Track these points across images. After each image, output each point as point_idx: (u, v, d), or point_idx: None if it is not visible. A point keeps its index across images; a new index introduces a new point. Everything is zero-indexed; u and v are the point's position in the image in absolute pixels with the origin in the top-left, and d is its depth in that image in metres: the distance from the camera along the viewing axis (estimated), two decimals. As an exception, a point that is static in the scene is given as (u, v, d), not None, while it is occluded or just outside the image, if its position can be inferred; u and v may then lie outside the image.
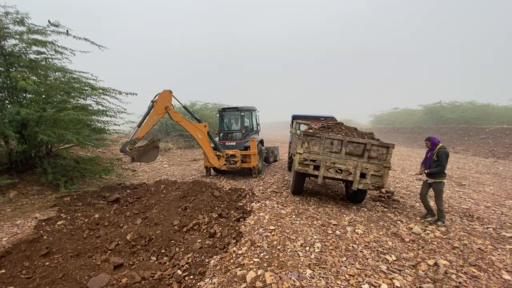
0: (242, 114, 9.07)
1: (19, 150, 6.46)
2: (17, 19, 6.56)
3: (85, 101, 7.85)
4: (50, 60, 7.25)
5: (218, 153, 8.02)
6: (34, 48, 6.86)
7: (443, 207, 4.79)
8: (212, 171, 9.32)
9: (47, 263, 3.96)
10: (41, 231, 4.78)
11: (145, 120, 6.82)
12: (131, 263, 4.08)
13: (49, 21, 6.90)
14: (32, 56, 6.99)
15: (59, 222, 5.28)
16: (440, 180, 4.73)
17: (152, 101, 6.92)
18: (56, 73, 7.34)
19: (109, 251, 4.36)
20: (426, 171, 4.80)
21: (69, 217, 5.53)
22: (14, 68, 6.62)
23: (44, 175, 6.66)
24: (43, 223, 5.13)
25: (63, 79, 7.29)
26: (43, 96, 6.82)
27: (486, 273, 3.22)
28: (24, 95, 6.87)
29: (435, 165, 4.70)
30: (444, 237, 4.22)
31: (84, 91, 7.55)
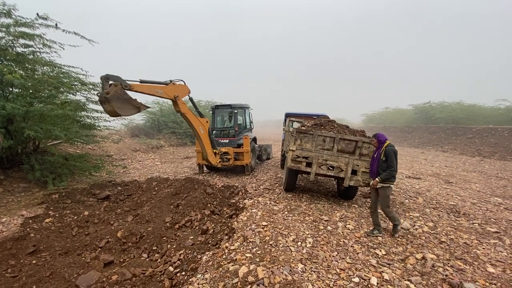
0: (235, 111, 9.04)
1: (5, 146, 6.27)
2: (4, 11, 6.35)
3: (74, 96, 7.67)
4: (38, 54, 7.06)
5: (214, 150, 7.95)
6: (22, 41, 6.67)
7: (393, 214, 4.13)
8: (205, 168, 9.27)
9: (34, 261, 3.87)
10: (28, 229, 4.67)
11: (150, 84, 6.07)
12: (121, 260, 4.03)
13: (37, 14, 6.71)
14: (19, 50, 6.79)
15: (47, 220, 5.16)
16: (388, 185, 4.00)
17: (170, 81, 6.47)
18: (44, 67, 7.15)
19: (99, 249, 4.28)
20: (377, 179, 3.99)
21: (57, 215, 5.41)
22: (0, 62, 6.41)
23: (31, 171, 6.50)
24: (30, 221, 5.01)
25: (51, 74, 7.10)
26: (31, 90, 6.64)
27: (471, 267, 3.32)
28: (11, 89, 6.67)
29: (384, 166, 3.96)
30: (432, 232, 4.32)
31: (73, 86, 7.38)
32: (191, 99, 7.83)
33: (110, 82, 5.28)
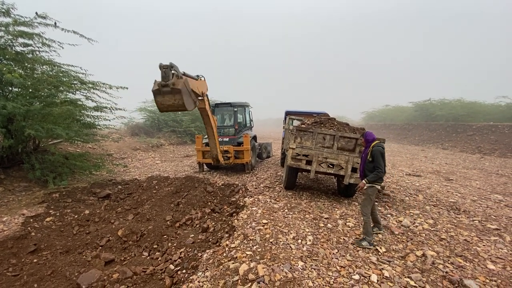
0: (235, 109, 9.04)
1: (5, 145, 6.27)
2: (2, 10, 6.33)
3: (74, 95, 7.66)
4: (37, 53, 7.04)
5: None
6: (21, 40, 6.65)
7: (368, 220, 3.76)
8: (205, 166, 9.28)
9: (35, 260, 3.88)
10: (29, 228, 4.68)
11: (192, 78, 5.48)
12: (122, 258, 4.03)
13: (36, 13, 6.69)
14: (19, 49, 6.77)
15: (48, 219, 5.17)
16: (373, 185, 3.77)
17: (198, 76, 6.04)
18: (44, 66, 7.14)
19: (100, 247, 4.29)
20: (364, 181, 3.79)
21: (58, 214, 5.41)
22: (-1, 61, 6.41)
23: (32, 171, 6.50)
24: (31, 220, 5.02)
25: (51, 73, 7.09)
26: (30, 90, 6.63)
27: (471, 263, 3.33)
28: (10, 88, 6.66)
29: (371, 167, 3.77)
30: (432, 229, 4.33)
31: (73, 85, 7.37)
32: (206, 97, 7.66)
33: (173, 72, 4.44)
